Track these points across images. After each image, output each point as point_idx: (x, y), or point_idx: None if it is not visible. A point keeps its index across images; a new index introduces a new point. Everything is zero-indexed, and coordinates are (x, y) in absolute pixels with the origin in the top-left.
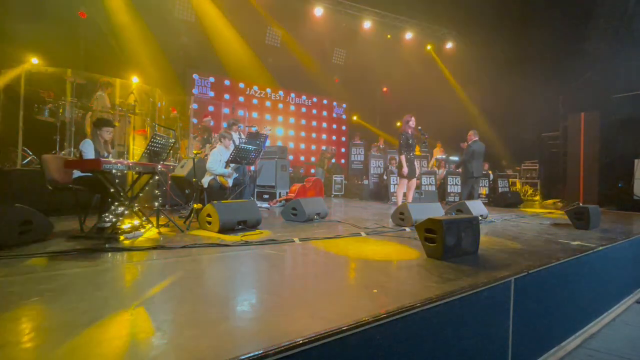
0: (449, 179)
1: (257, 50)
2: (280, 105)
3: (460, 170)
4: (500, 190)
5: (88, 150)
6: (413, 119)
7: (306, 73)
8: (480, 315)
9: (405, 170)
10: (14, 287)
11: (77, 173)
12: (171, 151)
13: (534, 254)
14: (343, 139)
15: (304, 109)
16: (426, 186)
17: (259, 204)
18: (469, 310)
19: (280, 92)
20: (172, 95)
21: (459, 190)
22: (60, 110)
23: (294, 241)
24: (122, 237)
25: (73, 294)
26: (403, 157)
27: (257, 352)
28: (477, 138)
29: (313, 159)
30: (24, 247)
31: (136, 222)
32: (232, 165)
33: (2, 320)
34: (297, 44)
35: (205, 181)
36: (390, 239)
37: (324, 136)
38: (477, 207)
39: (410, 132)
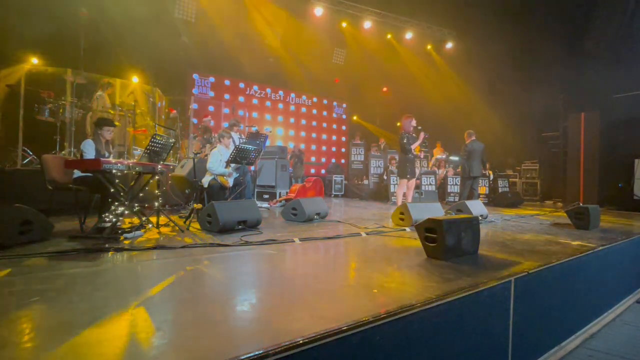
0: (449, 179)
1: (257, 50)
2: (280, 105)
3: (459, 170)
4: (500, 190)
5: (89, 150)
6: (414, 119)
7: (306, 73)
8: (480, 315)
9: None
10: (14, 287)
11: (77, 173)
12: (171, 151)
13: (534, 254)
14: (343, 139)
15: (304, 109)
16: (426, 186)
17: (259, 204)
18: (469, 310)
19: (280, 92)
20: (172, 95)
21: (459, 190)
22: (60, 110)
23: (294, 241)
24: (122, 237)
25: (73, 294)
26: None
27: (257, 352)
28: (474, 138)
29: (313, 159)
30: (24, 247)
31: (136, 222)
32: (232, 165)
33: (2, 320)
34: (297, 44)
35: (206, 181)
36: (390, 239)
37: (324, 136)
38: (477, 207)
39: (411, 133)
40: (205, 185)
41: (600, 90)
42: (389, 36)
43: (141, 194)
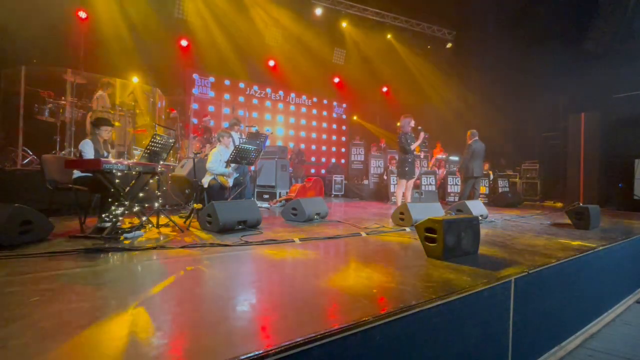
0: (449, 179)
1: (258, 50)
2: (280, 105)
3: (457, 169)
4: (500, 190)
5: (87, 150)
6: (412, 119)
7: (306, 73)
8: (480, 315)
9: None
10: (14, 287)
11: (77, 173)
12: (171, 151)
13: (534, 254)
14: (343, 139)
15: (304, 109)
16: (426, 186)
17: (259, 204)
18: (469, 310)
19: (280, 92)
20: (172, 95)
21: (459, 190)
22: (60, 110)
23: (294, 241)
24: (122, 237)
25: (73, 294)
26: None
27: (257, 352)
28: (476, 138)
29: (313, 159)
30: (24, 247)
31: (136, 222)
32: (232, 165)
33: (2, 320)
34: (297, 44)
35: (206, 181)
36: (390, 239)
37: (324, 136)
38: (477, 207)
39: (410, 133)
40: (205, 185)
41: (600, 90)
42: (389, 36)
43: (141, 194)
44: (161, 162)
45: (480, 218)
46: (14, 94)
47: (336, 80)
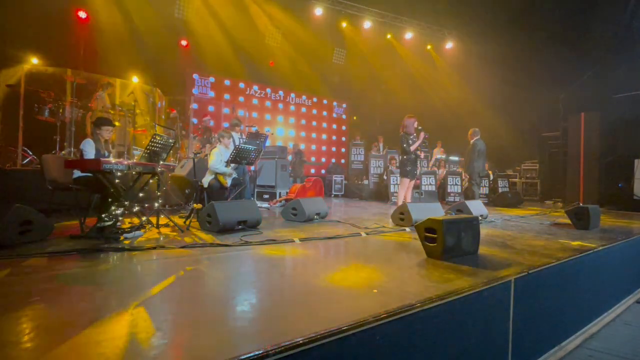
0: (449, 179)
1: (258, 50)
2: (280, 105)
3: (459, 169)
4: (500, 190)
5: (89, 149)
6: (416, 120)
7: (306, 73)
8: (480, 315)
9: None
10: (14, 287)
11: (77, 173)
12: (171, 151)
13: (534, 254)
14: (343, 139)
15: (304, 109)
16: (426, 186)
17: (259, 204)
18: (469, 310)
19: (280, 92)
20: (172, 95)
21: (459, 190)
22: (60, 110)
23: (294, 241)
24: (122, 237)
25: (73, 294)
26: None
27: (257, 352)
28: (478, 136)
29: (313, 159)
30: (24, 247)
31: (136, 222)
32: (232, 165)
33: (2, 320)
34: (297, 44)
35: (206, 181)
36: (390, 239)
37: (324, 136)
38: (477, 207)
39: (413, 134)
40: (205, 185)
41: (600, 90)
42: (388, 36)
43: (141, 194)
44: (161, 162)
45: (480, 218)
46: (14, 94)
47: (336, 80)
